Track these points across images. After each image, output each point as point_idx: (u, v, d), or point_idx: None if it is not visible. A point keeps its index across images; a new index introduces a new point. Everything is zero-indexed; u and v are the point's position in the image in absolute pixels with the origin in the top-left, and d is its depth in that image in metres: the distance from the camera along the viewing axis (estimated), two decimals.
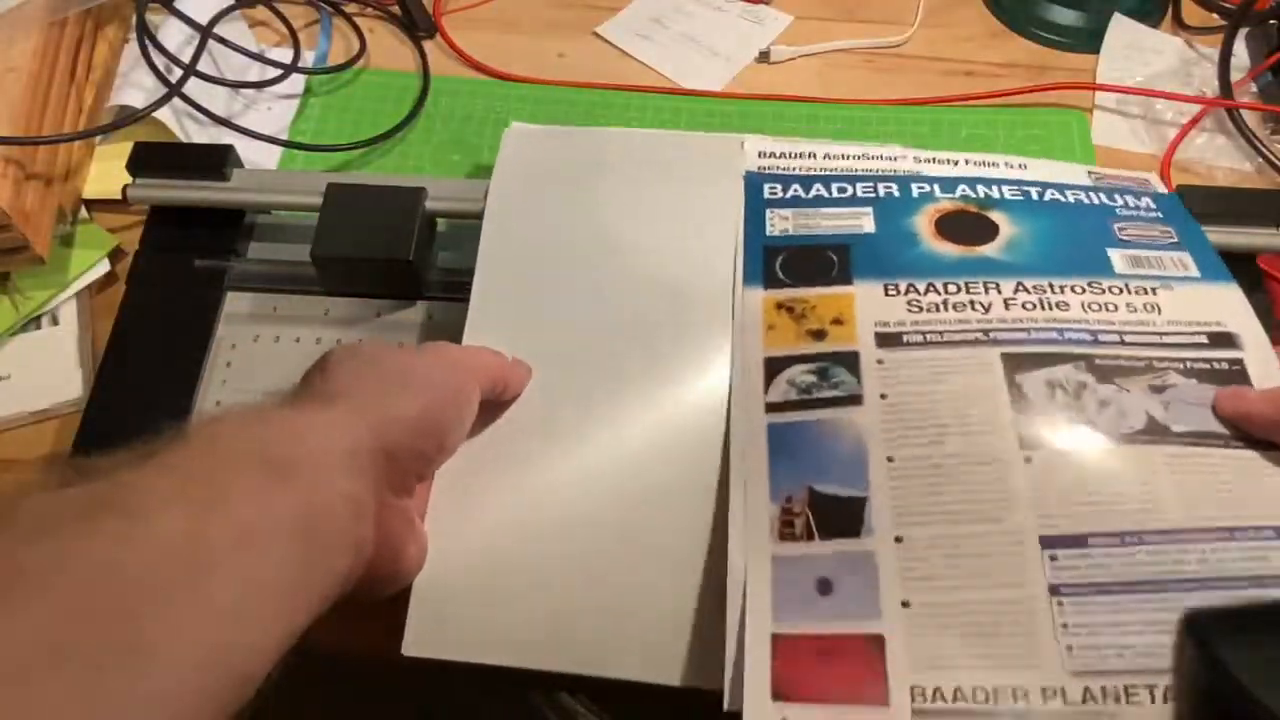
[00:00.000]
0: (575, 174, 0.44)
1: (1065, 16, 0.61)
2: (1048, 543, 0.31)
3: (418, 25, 0.60)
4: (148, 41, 0.51)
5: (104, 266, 0.48)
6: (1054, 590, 0.30)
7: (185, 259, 0.46)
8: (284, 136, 0.54)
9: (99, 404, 0.42)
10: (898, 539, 0.32)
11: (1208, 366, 0.36)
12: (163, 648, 0.22)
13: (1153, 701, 0.28)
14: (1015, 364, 0.35)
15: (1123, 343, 0.36)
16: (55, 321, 0.47)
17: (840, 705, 0.30)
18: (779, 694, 0.30)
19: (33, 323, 0.46)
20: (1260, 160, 0.54)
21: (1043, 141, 0.55)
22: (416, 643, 0.34)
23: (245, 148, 0.49)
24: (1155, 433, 0.34)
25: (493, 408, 0.37)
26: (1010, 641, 0.30)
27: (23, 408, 0.44)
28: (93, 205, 0.51)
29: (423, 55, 0.58)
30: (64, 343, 0.46)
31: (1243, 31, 0.58)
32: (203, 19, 0.54)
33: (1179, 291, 0.38)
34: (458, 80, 0.58)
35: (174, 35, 0.53)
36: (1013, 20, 0.61)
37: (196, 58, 0.52)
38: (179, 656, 0.22)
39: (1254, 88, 0.57)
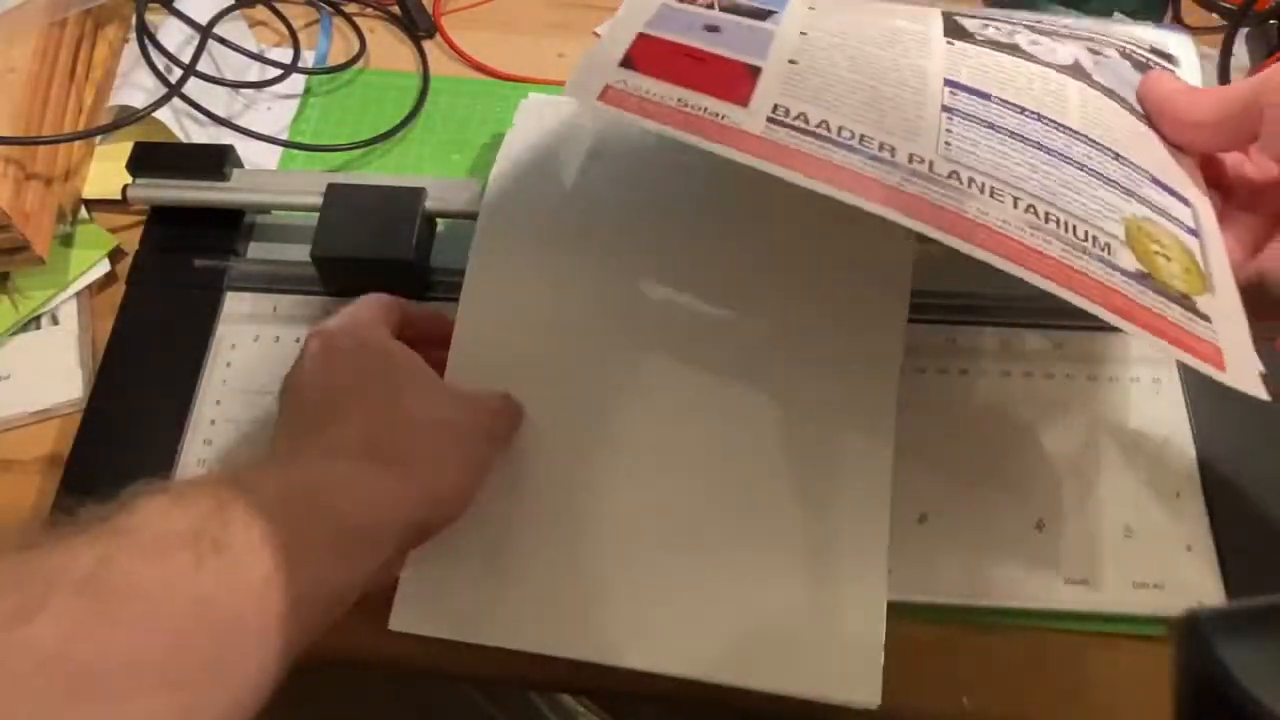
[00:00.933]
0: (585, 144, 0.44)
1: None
2: (952, 84, 0.32)
3: (417, 25, 0.60)
4: (148, 41, 0.51)
5: (104, 266, 0.48)
6: (947, 110, 0.31)
7: (185, 259, 0.46)
8: (284, 136, 0.54)
9: (99, 404, 0.42)
10: (802, 33, 0.33)
11: (1144, 60, 0.36)
12: (234, 672, 0.25)
13: (1015, 208, 0.28)
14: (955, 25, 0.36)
15: (1069, 30, 0.37)
16: (55, 321, 0.47)
17: (694, 91, 0.29)
18: (629, 64, 0.30)
19: (33, 323, 0.46)
20: None
21: None
22: (404, 619, 0.34)
23: (245, 148, 0.49)
24: (1078, 73, 0.34)
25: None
26: (894, 115, 0.30)
27: (23, 408, 0.44)
28: (93, 205, 0.51)
29: (422, 55, 0.58)
30: (64, 343, 0.46)
31: (1243, 31, 0.58)
32: (203, 19, 0.54)
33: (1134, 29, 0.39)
34: (457, 80, 0.58)
35: (174, 35, 0.53)
36: None
37: (196, 58, 0.52)
38: (240, 680, 0.25)
39: None
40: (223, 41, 0.54)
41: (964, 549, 0.38)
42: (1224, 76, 0.56)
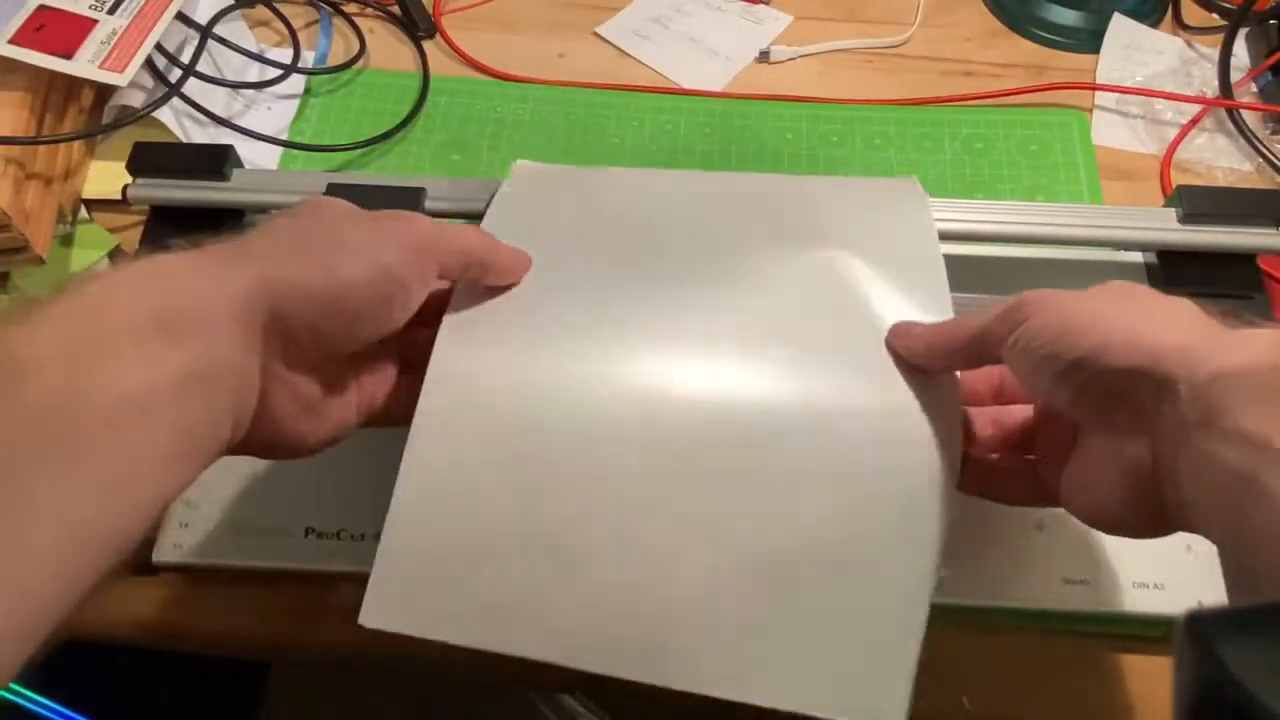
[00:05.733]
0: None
1: (1065, 16, 0.61)
2: None
3: (418, 25, 0.60)
4: None
5: (104, 266, 0.48)
6: None
7: None
8: (284, 136, 0.54)
9: None
10: None
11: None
12: (30, 512, 0.22)
13: None
14: None
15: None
16: None
17: None
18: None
19: None
20: (1260, 160, 0.54)
21: (1043, 141, 0.55)
22: (375, 612, 0.30)
23: (245, 148, 0.49)
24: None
25: (475, 293, 0.35)
26: None
27: None
28: (93, 205, 0.51)
29: (422, 55, 0.58)
30: None
31: (1243, 31, 0.58)
32: (202, 19, 0.54)
33: None
34: (458, 80, 0.58)
35: (174, 35, 0.53)
36: (1013, 20, 0.61)
37: (196, 58, 0.52)
38: (47, 520, 0.22)
39: (1254, 88, 0.57)
40: (222, 41, 0.54)
41: (964, 549, 0.38)
42: (1224, 76, 0.56)
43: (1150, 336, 0.26)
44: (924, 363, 0.34)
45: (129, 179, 0.46)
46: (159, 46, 0.51)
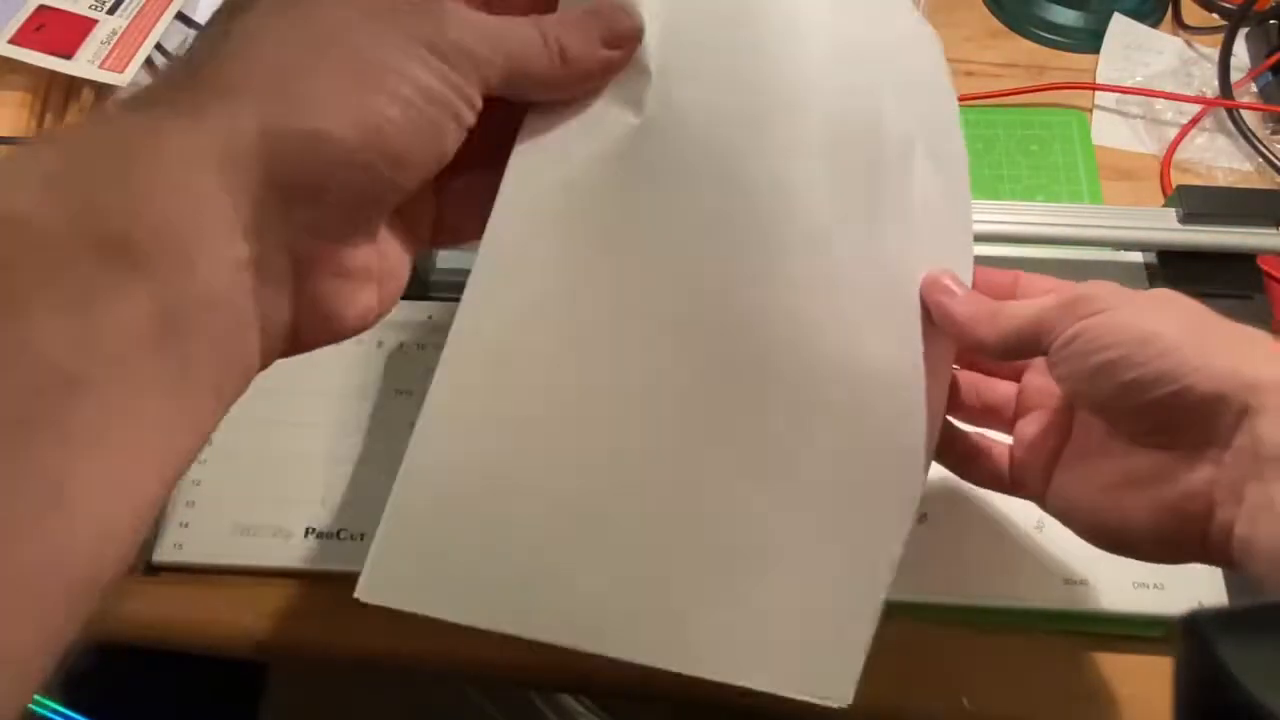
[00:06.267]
0: None
1: (1065, 16, 0.61)
2: None
3: None
4: None
5: None
6: None
7: None
8: None
9: None
10: None
11: None
12: None
13: None
14: None
15: None
16: None
17: None
18: None
19: None
20: (1260, 160, 0.54)
21: (1043, 141, 0.55)
22: (374, 588, 0.26)
23: None
24: None
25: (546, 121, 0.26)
26: None
27: None
28: None
29: None
30: None
31: (1243, 31, 0.58)
32: (202, 19, 0.54)
33: None
34: None
35: (174, 36, 0.53)
36: (1013, 20, 0.61)
37: None
38: None
39: (1254, 88, 0.57)
40: None
41: (964, 549, 0.38)
42: (1224, 76, 0.56)
43: (1238, 364, 0.25)
44: (953, 333, 0.31)
45: None
46: (159, 46, 0.51)
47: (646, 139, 0.27)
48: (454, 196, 0.28)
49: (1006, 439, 0.34)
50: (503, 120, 0.26)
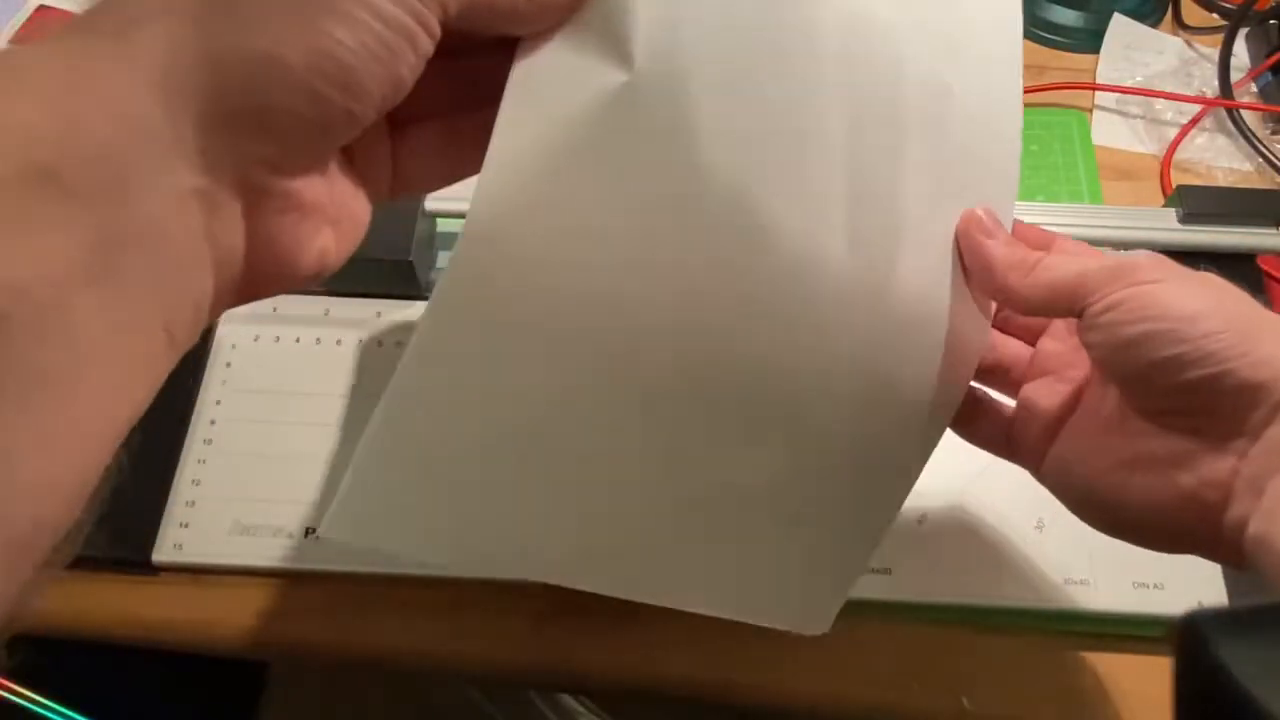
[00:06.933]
0: None
1: (1065, 16, 0.61)
2: None
3: None
4: None
5: None
6: None
7: None
8: None
9: None
10: None
11: None
12: None
13: None
14: None
15: None
16: None
17: None
18: None
19: None
20: (1260, 160, 0.54)
21: (1043, 141, 0.55)
22: (338, 524, 0.25)
23: None
24: None
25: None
26: None
27: None
28: None
29: None
30: None
31: (1243, 31, 0.58)
32: None
33: None
34: None
35: None
36: None
37: None
38: None
39: (1254, 88, 0.57)
40: None
41: (964, 549, 0.38)
42: (1224, 76, 0.56)
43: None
44: (984, 278, 0.29)
45: None
46: None
47: (636, 100, 0.25)
48: (413, 146, 0.27)
49: (1009, 401, 0.33)
50: (465, 70, 0.25)
